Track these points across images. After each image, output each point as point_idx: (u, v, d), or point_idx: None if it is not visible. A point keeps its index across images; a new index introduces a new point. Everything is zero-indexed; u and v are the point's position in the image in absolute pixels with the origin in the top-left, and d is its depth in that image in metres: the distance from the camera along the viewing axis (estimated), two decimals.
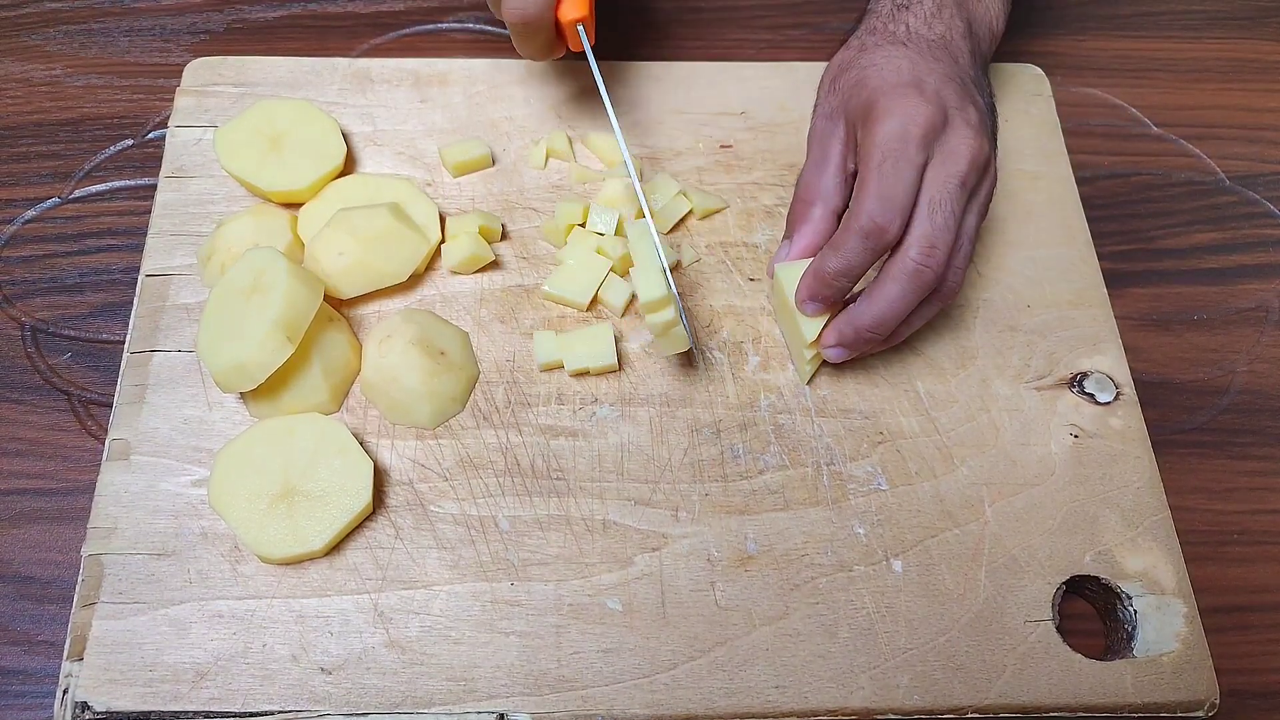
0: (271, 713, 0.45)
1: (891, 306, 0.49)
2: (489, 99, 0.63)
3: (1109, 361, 0.56)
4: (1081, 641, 0.48)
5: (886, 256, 0.49)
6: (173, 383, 0.52)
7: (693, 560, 0.49)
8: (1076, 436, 0.53)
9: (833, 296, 0.50)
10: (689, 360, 0.54)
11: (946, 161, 0.48)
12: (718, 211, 0.59)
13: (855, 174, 0.53)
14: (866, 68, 0.52)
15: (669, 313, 0.49)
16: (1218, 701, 0.47)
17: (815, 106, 0.56)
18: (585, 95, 0.63)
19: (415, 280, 0.56)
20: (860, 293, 0.51)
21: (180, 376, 0.52)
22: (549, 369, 0.53)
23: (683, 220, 0.59)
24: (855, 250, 0.48)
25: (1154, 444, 0.53)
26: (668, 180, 0.59)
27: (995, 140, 0.54)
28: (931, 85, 0.50)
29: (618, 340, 0.54)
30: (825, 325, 0.51)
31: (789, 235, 0.54)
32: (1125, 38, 0.73)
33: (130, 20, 0.68)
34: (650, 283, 0.48)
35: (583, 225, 0.58)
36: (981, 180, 0.50)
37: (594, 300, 0.56)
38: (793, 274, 0.52)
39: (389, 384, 0.51)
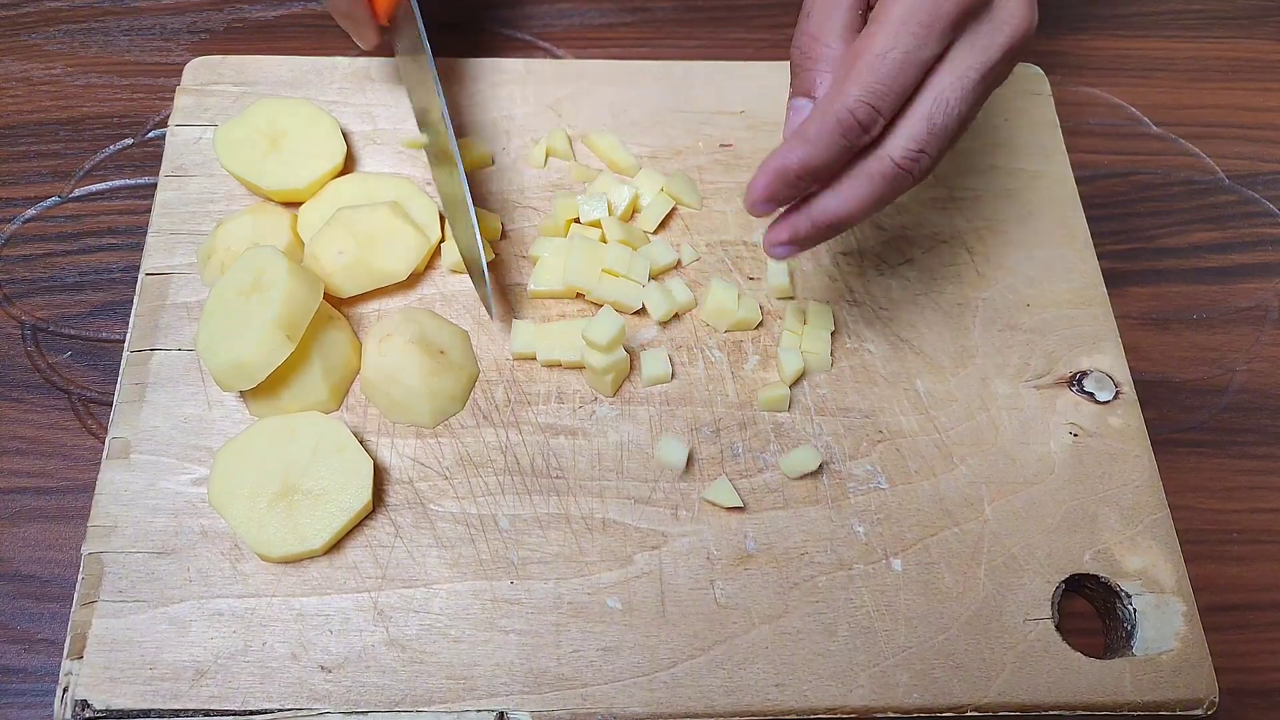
0: (271, 711, 0.45)
1: (860, 206, 0.42)
2: (488, 99, 0.63)
3: (1108, 360, 0.56)
4: (1081, 640, 0.48)
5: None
6: (172, 381, 0.52)
7: (692, 559, 0.49)
8: (1076, 435, 0.53)
9: (793, 198, 0.43)
10: (689, 358, 0.54)
11: (977, 44, 0.41)
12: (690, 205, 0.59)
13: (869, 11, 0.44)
14: None
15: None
16: (1217, 700, 0.47)
17: None
18: (585, 95, 0.63)
19: (415, 279, 0.56)
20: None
21: (180, 375, 0.52)
22: (521, 359, 0.53)
23: (679, 218, 0.59)
24: (828, 146, 0.40)
25: (1153, 443, 0.53)
26: (652, 175, 0.59)
27: None
28: None
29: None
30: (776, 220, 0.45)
31: (803, 84, 0.44)
32: (1125, 37, 0.73)
33: (130, 20, 0.68)
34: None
35: (578, 221, 0.58)
36: (1010, 65, 0.43)
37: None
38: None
39: (389, 383, 0.51)
